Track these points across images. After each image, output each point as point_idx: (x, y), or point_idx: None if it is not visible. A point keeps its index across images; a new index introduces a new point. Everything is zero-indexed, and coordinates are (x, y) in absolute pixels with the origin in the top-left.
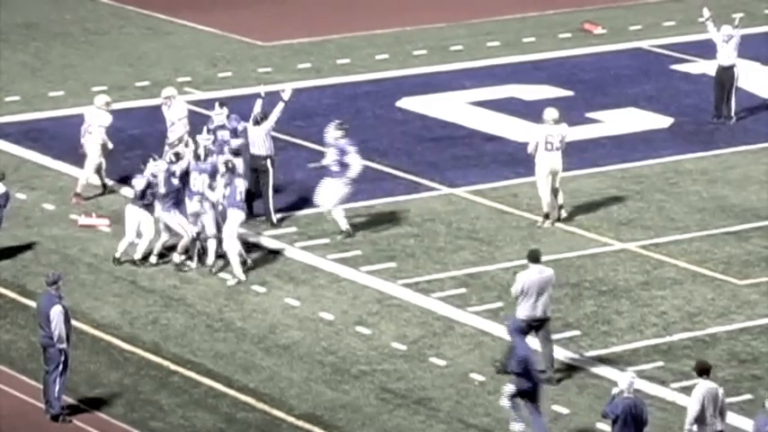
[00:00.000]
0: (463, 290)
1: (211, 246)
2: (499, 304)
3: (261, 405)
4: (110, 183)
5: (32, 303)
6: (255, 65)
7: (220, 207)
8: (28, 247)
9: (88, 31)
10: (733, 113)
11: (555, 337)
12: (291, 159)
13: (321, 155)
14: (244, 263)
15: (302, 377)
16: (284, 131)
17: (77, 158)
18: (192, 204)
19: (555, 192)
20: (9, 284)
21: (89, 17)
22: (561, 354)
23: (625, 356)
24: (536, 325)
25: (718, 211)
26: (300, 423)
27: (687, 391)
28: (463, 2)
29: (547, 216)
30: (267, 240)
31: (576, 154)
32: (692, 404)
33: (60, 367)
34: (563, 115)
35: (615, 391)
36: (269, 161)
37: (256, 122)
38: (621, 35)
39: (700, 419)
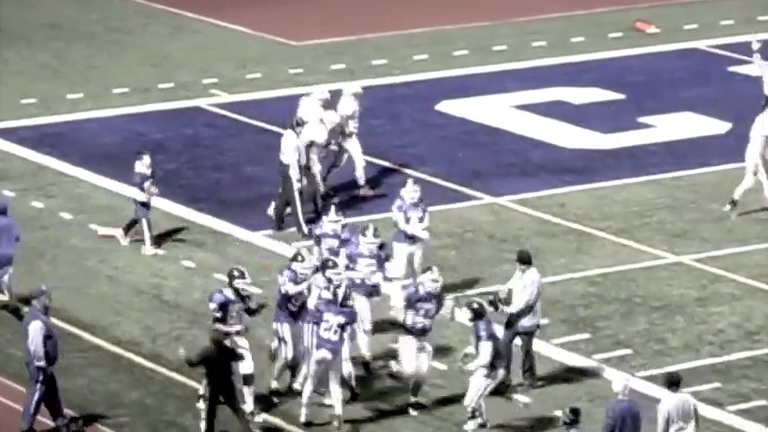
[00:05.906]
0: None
1: (307, 390)
2: (545, 321)
3: (291, 427)
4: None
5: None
6: (286, 66)
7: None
8: (44, 258)
9: (112, 30)
10: None
11: (605, 356)
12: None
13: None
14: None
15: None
16: None
17: (96, 165)
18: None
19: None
20: (24, 299)
21: (113, 15)
22: (608, 373)
23: None
24: (531, 333)
25: None
26: None
27: (746, 414)
28: None
29: (734, 203)
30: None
31: (626, 161)
32: (659, 421)
33: (38, 386)
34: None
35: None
36: (289, 168)
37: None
38: (676, 35)
39: None
